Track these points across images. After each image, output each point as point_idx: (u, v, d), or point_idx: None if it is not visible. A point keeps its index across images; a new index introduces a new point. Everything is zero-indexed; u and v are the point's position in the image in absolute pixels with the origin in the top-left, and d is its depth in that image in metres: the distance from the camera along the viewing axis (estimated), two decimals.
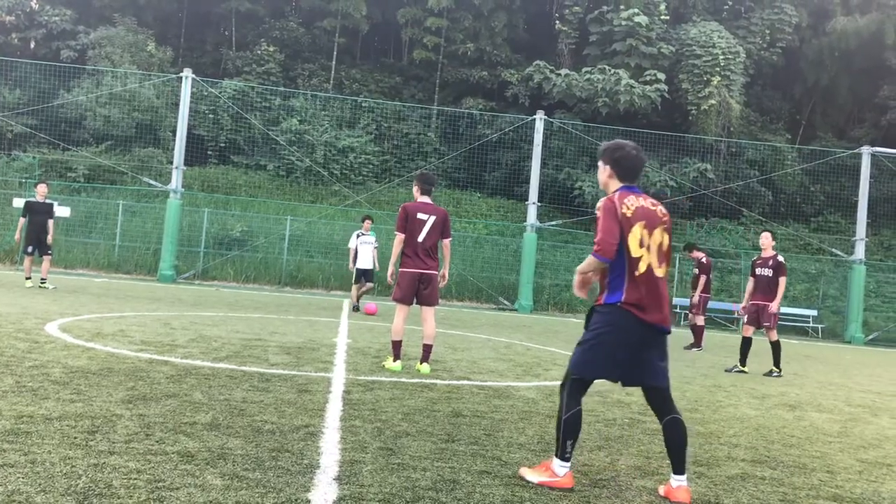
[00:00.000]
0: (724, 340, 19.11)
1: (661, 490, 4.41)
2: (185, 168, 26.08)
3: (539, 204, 27.57)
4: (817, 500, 4.56)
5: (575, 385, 4.43)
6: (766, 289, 11.78)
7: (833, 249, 29.20)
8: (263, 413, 5.52)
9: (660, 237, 4.48)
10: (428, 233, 8.34)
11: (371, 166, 33.89)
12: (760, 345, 13.14)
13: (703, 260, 15.98)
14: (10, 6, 35.12)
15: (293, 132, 32.40)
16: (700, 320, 15.89)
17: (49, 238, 16.29)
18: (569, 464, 4.37)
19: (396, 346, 8.45)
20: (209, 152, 32.50)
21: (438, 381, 7.80)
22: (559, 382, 4.55)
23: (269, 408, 5.73)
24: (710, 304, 16.65)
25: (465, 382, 7.93)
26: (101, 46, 33.11)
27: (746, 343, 11.89)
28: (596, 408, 7.04)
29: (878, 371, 15.02)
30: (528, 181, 27.83)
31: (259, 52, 36.53)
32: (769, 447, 6.03)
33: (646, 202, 4.49)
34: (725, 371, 11.77)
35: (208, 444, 4.52)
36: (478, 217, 31.39)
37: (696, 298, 15.77)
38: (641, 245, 4.39)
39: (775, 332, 11.89)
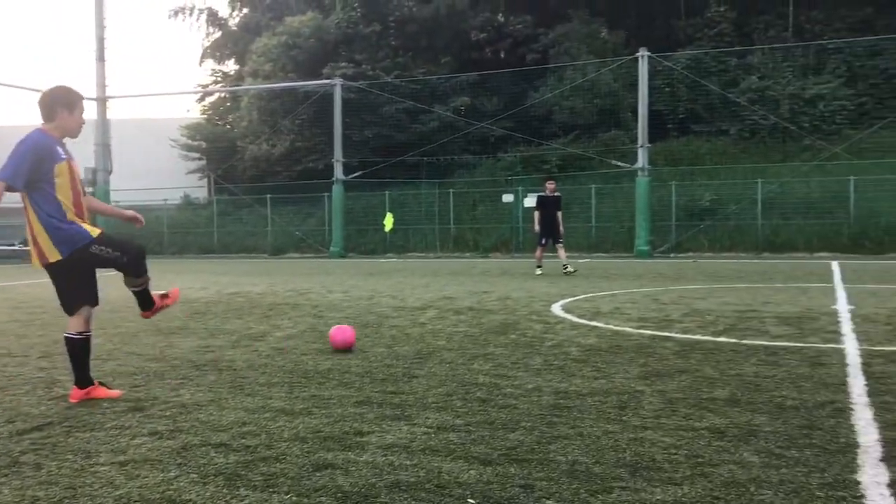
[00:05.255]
0: None
1: None
2: (648, 146, 26.65)
3: None
4: None
5: None
6: None
7: None
8: (780, 388, 5.39)
9: None
10: None
11: (845, 112, 30.75)
12: None
13: None
14: (481, 24, 39.35)
15: (753, 90, 30.94)
16: None
17: (560, 228, 17.30)
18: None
19: None
20: (668, 126, 32.61)
21: None
22: None
23: (784, 382, 5.58)
24: None
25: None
26: (559, 44, 35.38)
27: None
28: None
29: None
30: None
31: (709, 14, 35.58)
32: None
33: None
34: None
35: (734, 419, 4.57)
36: None
37: None
38: None
39: None
